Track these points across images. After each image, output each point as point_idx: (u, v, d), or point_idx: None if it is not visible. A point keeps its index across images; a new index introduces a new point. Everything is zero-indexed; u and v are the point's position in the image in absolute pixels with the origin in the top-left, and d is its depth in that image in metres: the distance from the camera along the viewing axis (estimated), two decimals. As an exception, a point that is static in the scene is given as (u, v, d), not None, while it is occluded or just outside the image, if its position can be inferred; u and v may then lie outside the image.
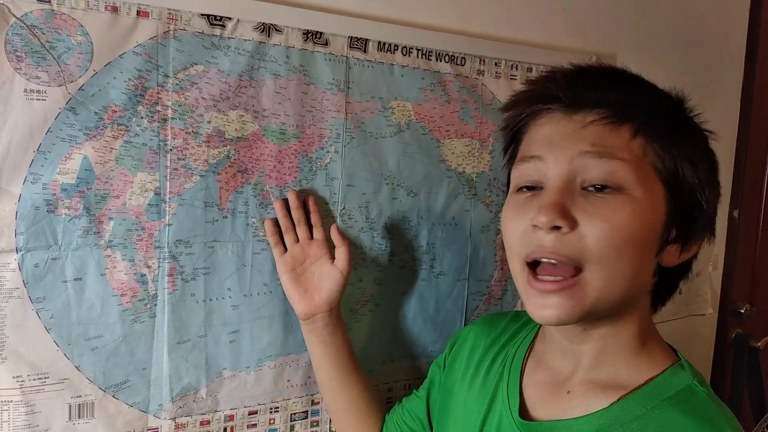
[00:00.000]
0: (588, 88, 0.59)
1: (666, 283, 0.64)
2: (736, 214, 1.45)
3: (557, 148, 0.58)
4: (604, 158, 0.56)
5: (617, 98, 0.58)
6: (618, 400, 0.59)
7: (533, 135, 0.62)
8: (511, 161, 0.67)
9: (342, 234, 0.86)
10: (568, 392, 0.63)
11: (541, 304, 0.58)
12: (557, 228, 0.55)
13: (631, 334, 0.62)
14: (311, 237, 0.86)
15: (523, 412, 0.65)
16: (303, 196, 0.88)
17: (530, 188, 0.61)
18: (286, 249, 0.86)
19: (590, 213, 0.55)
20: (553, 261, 0.57)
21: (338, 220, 0.91)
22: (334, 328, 0.86)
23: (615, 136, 0.57)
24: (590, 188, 0.56)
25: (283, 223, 0.86)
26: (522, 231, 0.59)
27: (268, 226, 0.85)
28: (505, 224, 0.63)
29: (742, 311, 1.47)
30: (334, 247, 0.86)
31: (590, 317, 0.58)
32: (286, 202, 0.86)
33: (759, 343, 1.45)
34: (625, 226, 0.55)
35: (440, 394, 0.82)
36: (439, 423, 0.80)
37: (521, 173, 0.62)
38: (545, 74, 0.64)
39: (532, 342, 0.72)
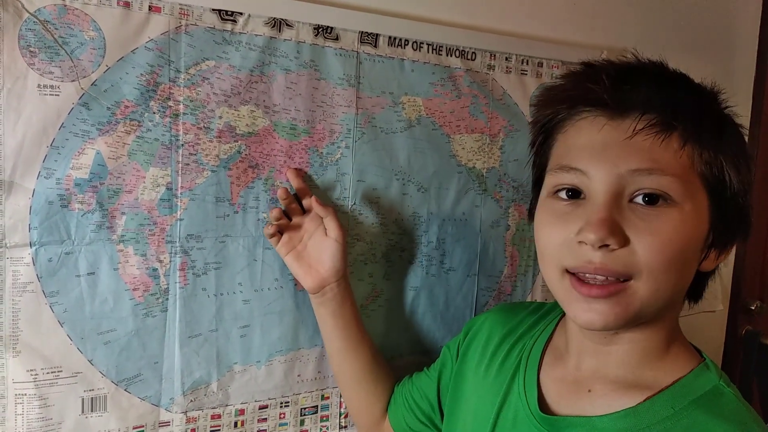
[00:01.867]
0: (633, 90, 0.57)
1: (698, 283, 0.64)
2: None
3: (603, 163, 0.56)
4: (654, 174, 0.55)
5: (663, 101, 0.56)
6: (644, 400, 0.58)
7: (572, 139, 0.60)
8: (541, 159, 0.66)
9: (323, 204, 0.85)
10: (590, 390, 0.62)
11: (587, 308, 0.56)
12: (606, 245, 0.54)
13: (660, 338, 0.61)
14: (302, 212, 0.86)
15: (542, 407, 0.64)
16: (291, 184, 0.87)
17: (569, 193, 0.59)
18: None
19: (641, 228, 0.54)
20: (599, 279, 0.56)
21: (349, 215, 0.92)
22: (343, 299, 0.86)
23: (664, 149, 0.55)
24: (638, 201, 0.55)
25: (276, 218, 0.84)
26: (562, 241, 0.58)
27: (267, 234, 0.84)
28: (541, 230, 0.62)
29: (753, 308, 1.46)
30: None
31: (633, 323, 0.58)
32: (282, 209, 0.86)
33: (769, 340, 1.44)
34: (674, 240, 0.54)
35: (452, 380, 0.81)
36: (451, 411, 0.80)
37: (560, 181, 0.60)
38: (586, 72, 0.61)
39: (551, 336, 0.71)
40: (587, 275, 0.56)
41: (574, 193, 0.59)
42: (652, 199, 0.55)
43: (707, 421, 0.55)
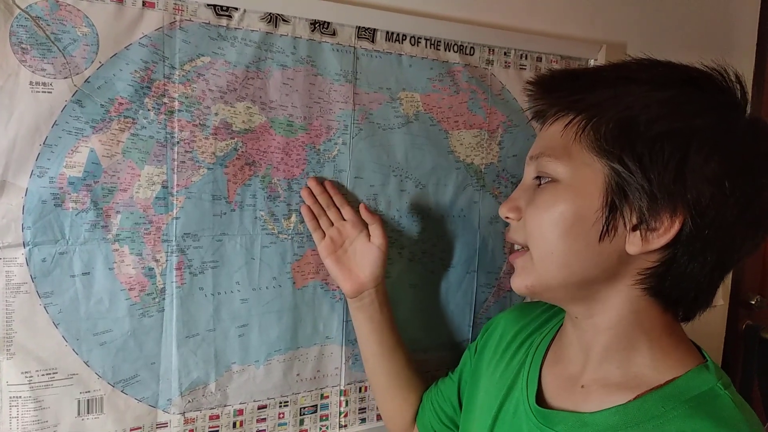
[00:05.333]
0: (548, 96, 0.64)
1: (695, 290, 0.59)
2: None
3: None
4: (539, 158, 0.62)
5: (566, 95, 0.62)
6: (635, 398, 0.58)
7: None
8: None
9: (371, 211, 0.87)
10: (582, 386, 0.63)
11: (512, 276, 0.66)
12: (511, 219, 0.66)
13: (626, 329, 0.60)
14: (343, 218, 0.88)
15: (540, 401, 0.66)
16: (322, 180, 0.88)
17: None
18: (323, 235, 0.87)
19: (530, 203, 0.63)
20: (516, 247, 0.67)
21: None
22: (380, 304, 0.87)
23: (551, 136, 0.62)
24: (538, 184, 0.63)
25: (315, 209, 0.87)
26: None
27: (305, 211, 0.87)
28: None
29: (753, 302, 1.46)
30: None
31: (556, 293, 0.63)
32: (309, 190, 0.87)
33: (769, 334, 1.44)
34: (549, 210, 0.60)
35: (470, 378, 0.83)
36: (467, 408, 0.81)
37: None
38: (529, 87, 0.67)
39: (556, 333, 0.73)
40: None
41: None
42: (540, 179, 0.62)
43: (696, 423, 0.54)
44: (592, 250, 0.58)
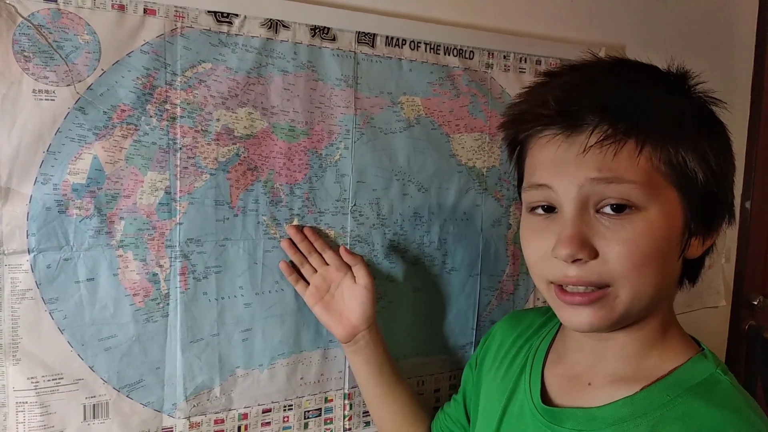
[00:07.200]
0: (584, 103, 0.57)
1: (693, 266, 0.64)
2: (748, 205, 1.44)
3: (564, 176, 0.57)
4: (613, 183, 0.55)
5: (613, 107, 0.56)
6: (641, 389, 0.59)
7: (536, 156, 0.61)
8: (519, 173, 0.67)
9: (351, 253, 0.87)
10: (590, 384, 0.64)
11: (573, 313, 0.58)
12: (578, 259, 0.56)
13: (655, 328, 0.62)
14: (326, 263, 0.87)
15: (545, 400, 0.66)
16: (301, 227, 0.88)
17: (545, 207, 0.60)
18: (307, 283, 0.87)
19: (608, 238, 0.55)
20: (580, 288, 0.57)
21: (349, 217, 0.91)
22: (375, 344, 0.87)
23: (620, 157, 0.55)
24: (605, 210, 0.56)
25: (296, 259, 0.87)
26: (542, 255, 0.59)
27: (283, 267, 0.87)
28: (524, 245, 0.64)
29: (755, 303, 1.46)
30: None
31: (621, 323, 0.59)
32: (290, 240, 0.87)
33: (772, 335, 1.43)
34: (642, 245, 0.55)
35: (474, 390, 0.83)
36: (473, 418, 0.82)
37: (532, 198, 0.61)
38: (536, 93, 0.62)
39: (555, 335, 0.73)
40: (568, 286, 0.58)
41: (549, 208, 0.60)
42: (618, 207, 0.55)
43: (701, 408, 0.56)
44: (672, 269, 0.60)
